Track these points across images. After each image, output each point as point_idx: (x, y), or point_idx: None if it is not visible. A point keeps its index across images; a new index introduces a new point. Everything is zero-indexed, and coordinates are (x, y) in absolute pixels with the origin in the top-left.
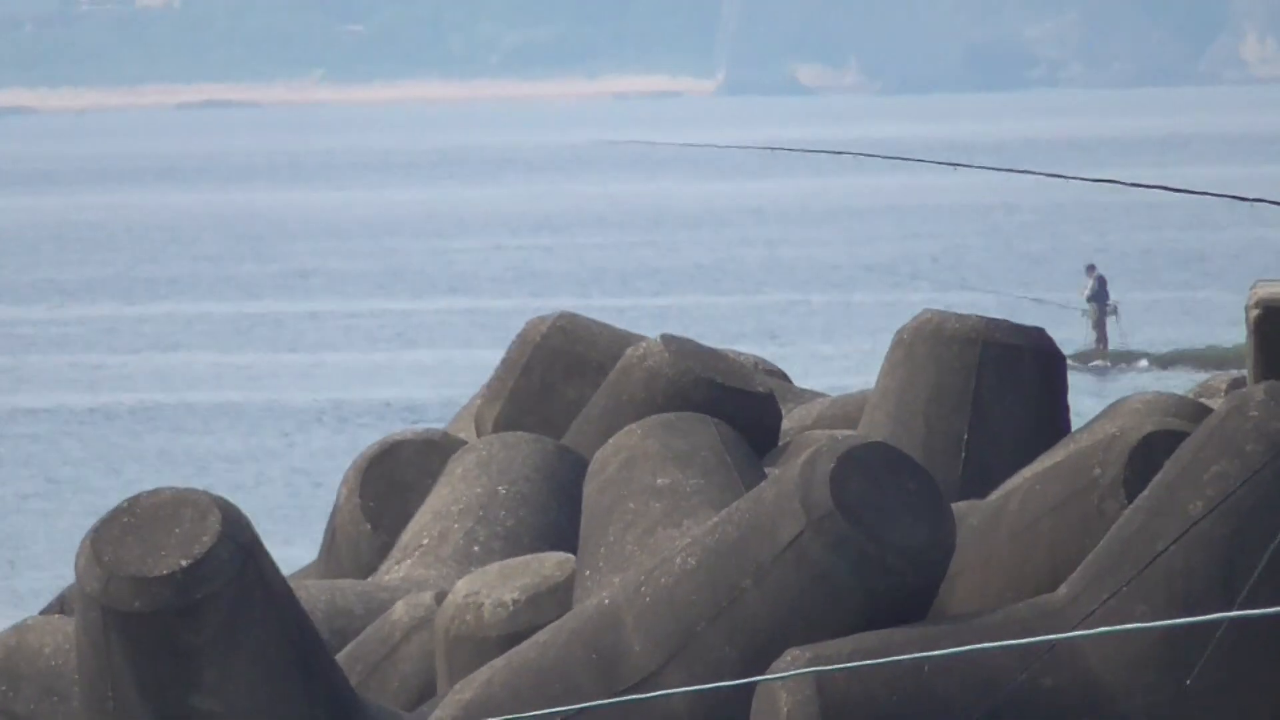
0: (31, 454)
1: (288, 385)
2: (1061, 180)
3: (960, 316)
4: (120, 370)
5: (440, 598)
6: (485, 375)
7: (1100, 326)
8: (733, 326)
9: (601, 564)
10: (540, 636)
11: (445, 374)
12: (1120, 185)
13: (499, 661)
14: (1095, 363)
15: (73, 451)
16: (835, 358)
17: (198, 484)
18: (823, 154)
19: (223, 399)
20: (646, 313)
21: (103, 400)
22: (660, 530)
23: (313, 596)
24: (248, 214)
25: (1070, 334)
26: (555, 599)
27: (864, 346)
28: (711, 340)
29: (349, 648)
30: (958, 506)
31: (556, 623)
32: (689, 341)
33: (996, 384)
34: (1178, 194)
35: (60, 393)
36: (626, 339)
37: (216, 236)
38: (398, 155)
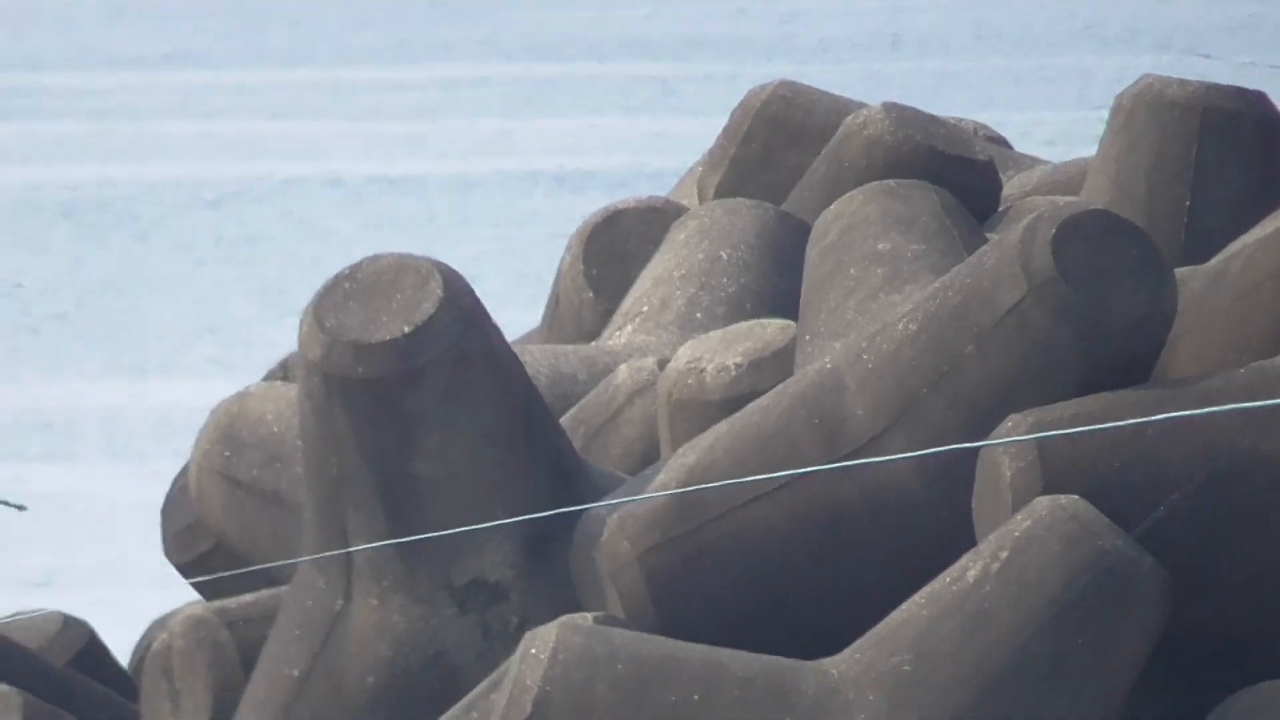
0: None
1: (481, 154)
2: None
3: (1182, 82)
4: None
5: (663, 363)
6: (690, 144)
7: None
8: (951, 94)
9: (823, 329)
10: (762, 401)
11: (644, 143)
12: None
13: (721, 426)
14: None
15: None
16: (1055, 124)
17: (411, 251)
18: None
19: (432, 169)
20: (863, 79)
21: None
22: (881, 295)
23: (535, 362)
24: None
25: None
26: (777, 364)
27: (1084, 113)
28: (931, 108)
29: (571, 412)
30: (1179, 271)
31: (778, 388)
32: (909, 108)
33: (1218, 150)
34: None
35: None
36: (847, 106)
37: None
38: None
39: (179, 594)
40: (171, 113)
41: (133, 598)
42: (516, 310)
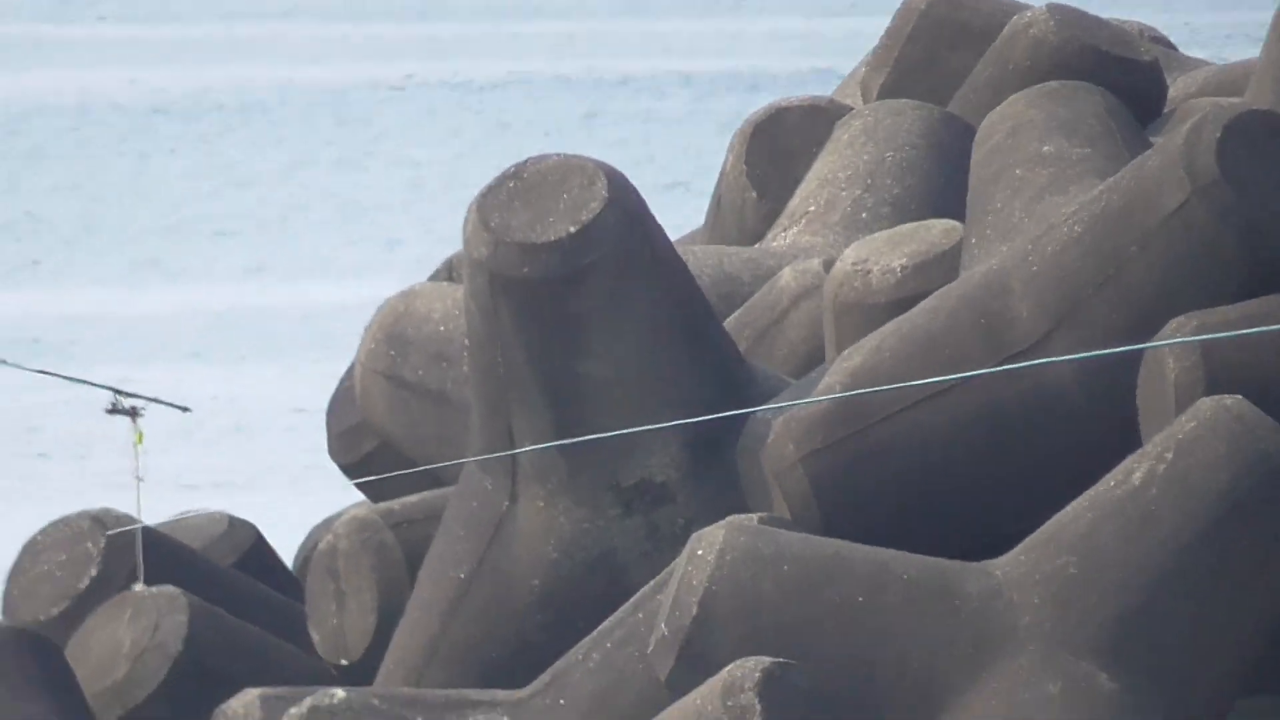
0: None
1: (629, 53)
2: None
3: None
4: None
5: (828, 265)
6: (853, 45)
7: None
8: None
9: (988, 231)
10: (928, 303)
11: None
12: None
13: (887, 327)
14: None
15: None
16: (1219, 25)
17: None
18: None
19: (592, 66)
20: None
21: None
22: (1046, 198)
23: (699, 263)
24: None
25: None
26: (942, 266)
27: (1249, 14)
28: (1095, 10)
29: (736, 314)
30: None
31: (944, 289)
32: (1074, 9)
33: None
34: None
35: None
36: (1012, 7)
37: None
38: None
39: (344, 495)
40: (296, 14)
41: (298, 499)
42: (679, 212)
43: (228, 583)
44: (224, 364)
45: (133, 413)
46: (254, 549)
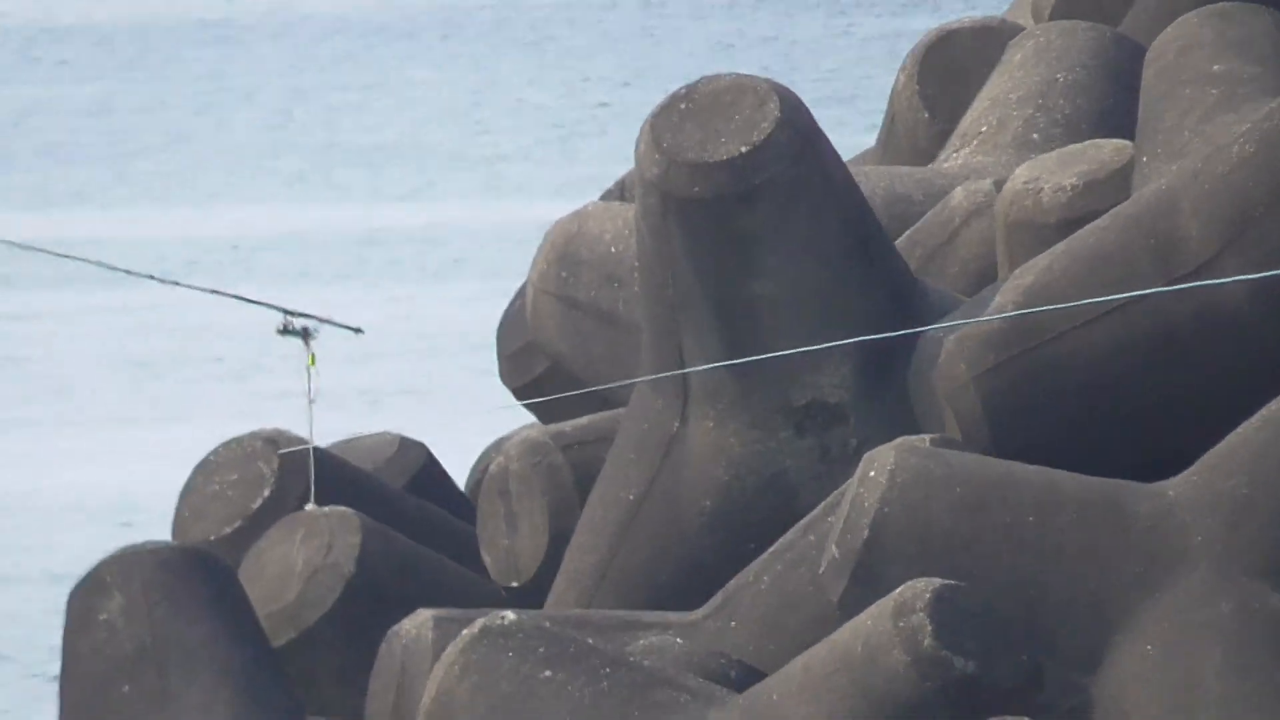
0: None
1: None
2: None
3: None
4: None
5: (999, 184)
6: None
7: None
8: None
9: (1159, 150)
10: (1099, 222)
11: None
12: None
13: (1059, 247)
14: None
15: None
16: None
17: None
18: None
19: None
20: None
21: None
22: (1217, 117)
23: (871, 183)
24: None
25: None
26: (1113, 185)
27: None
28: None
29: (908, 233)
30: None
31: (1115, 209)
32: None
33: None
34: None
35: None
36: None
37: None
38: None
39: (515, 417)
40: None
41: (469, 420)
42: (852, 132)
43: (399, 504)
44: (389, 283)
45: (304, 334)
46: (425, 470)
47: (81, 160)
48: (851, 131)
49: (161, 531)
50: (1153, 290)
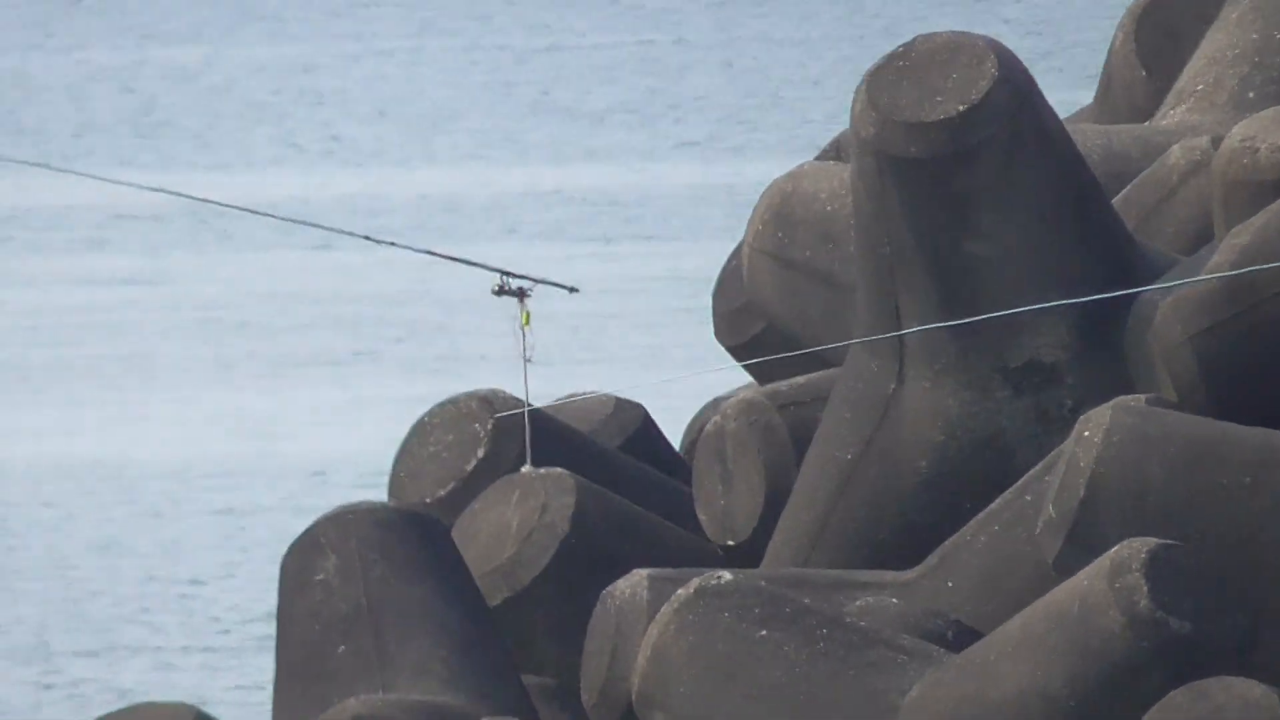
0: None
1: None
2: None
3: None
4: None
5: (1216, 142)
6: None
7: None
8: None
9: None
10: None
11: None
12: None
13: (1275, 205)
14: None
15: None
16: None
17: None
18: None
19: None
20: None
21: None
22: None
23: (1088, 141)
24: None
25: None
26: None
27: None
28: None
29: (1124, 192)
30: None
31: None
32: None
33: None
34: None
35: None
36: None
37: None
38: None
39: (731, 377)
40: None
41: (684, 380)
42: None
43: (614, 464)
44: (607, 243)
45: (520, 294)
46: (641, 430)
47: (288, 121)
48: (1063, 86)
49: (378, 492)
50: None
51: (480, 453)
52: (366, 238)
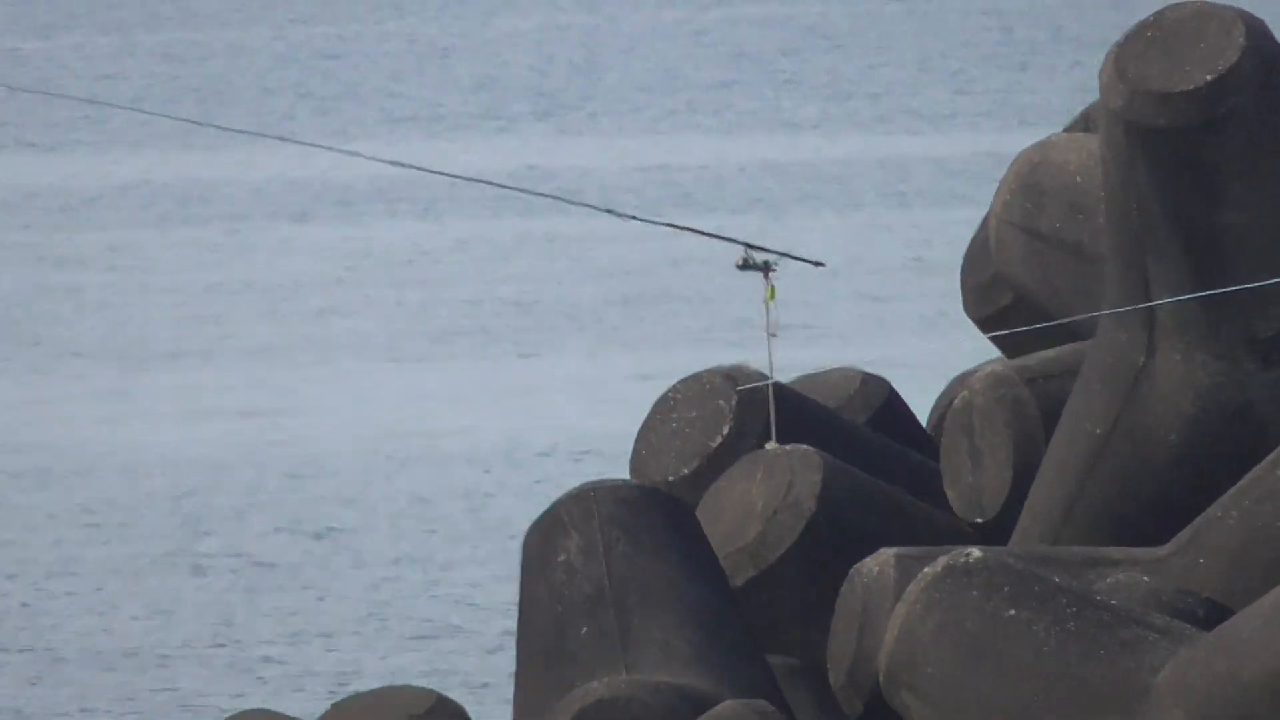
0: None
1: None
2: None
3: None
4: None
5: None
6: None
7: None
8: None
9: None
10: None
11: None
12: None
13: None
14: None
15: None
16: None
17: None
18: None
19: None
20: None
21: None
22: None
23: None
24: None
25: None
26: None
27: None
28: None
29: None
30: None
31: None
32: None
33: None
34: None
35: None
36: None
37: None
38: None
39: (979, 350)
40: None
41: (931, 355)
42: None
43: (861, 440)
44: (849, 213)
45: (765, 268)
46: (887, 405)
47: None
48: None
49: (619, 469)
50: None
51: (725, 429)
52: (609, 211)
